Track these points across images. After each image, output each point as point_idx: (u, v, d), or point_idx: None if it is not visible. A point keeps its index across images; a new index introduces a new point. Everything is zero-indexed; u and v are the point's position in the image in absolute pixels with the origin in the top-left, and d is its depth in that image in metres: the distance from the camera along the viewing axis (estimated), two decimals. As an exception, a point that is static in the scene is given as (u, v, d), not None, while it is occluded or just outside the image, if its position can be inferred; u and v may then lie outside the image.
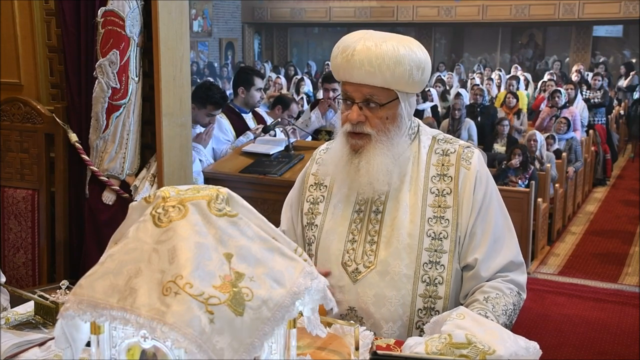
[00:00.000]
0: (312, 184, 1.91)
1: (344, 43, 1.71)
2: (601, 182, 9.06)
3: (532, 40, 18.13)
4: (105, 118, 2.83)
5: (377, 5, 17.71)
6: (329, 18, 18.56)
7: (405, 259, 1.71)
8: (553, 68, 14.21)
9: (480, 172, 1.77)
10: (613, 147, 9.91)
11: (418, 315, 1.72)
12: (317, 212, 1.86)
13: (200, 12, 17.51)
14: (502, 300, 1.71)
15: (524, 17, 16.33)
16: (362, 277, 1.74)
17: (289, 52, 20.35)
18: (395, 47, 1.65)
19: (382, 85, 1.68)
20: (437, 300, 1.71)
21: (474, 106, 8.76)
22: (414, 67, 1.67)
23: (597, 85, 10.00)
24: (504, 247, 1.78)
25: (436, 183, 1.76)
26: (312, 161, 1.97)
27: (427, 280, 1.71)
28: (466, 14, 16.86)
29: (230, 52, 18.87)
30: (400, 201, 1.75)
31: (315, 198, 1.88)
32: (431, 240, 1.71)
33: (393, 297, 1.71)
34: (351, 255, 1.77)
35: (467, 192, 1.74)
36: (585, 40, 16.90)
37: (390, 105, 1.71)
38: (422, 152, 1.80)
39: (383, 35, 1.69)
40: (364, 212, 1.79)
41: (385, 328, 1.73)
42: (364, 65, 1.64)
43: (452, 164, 1.77)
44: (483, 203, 1.76)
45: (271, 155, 4.00)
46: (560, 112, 8.27)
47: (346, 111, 1.73)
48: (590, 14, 15.63)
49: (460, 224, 1.73)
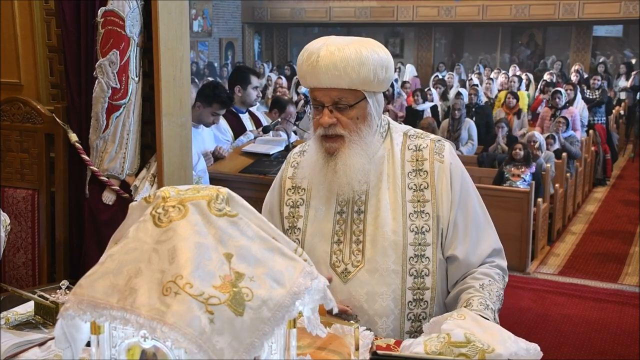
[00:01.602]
0: (290, 187, 1.95)
1: (307, 51, 1.76)
2: (601, 182, 9.06)
3: (532, 40, 18.13)
4: (105, 118, 2.83)
5: (377, 5, 17.70)
6: (329, 18, 18.56)
7: (392, 255, 1.76)
8: (553, 68, 14.20)
9: (453, 164, 1.83)
10: (613, 147, 9.91)
11: (409, 307, 1.78)
12: (298, 216, 1.89)
13: (200, 12, 17.51)
14: (494, 286, 1.79)
15: (524, 17, 16.33)
16: (352, 276, 1.78)
17: (289, 52, 20.35)
18: (358, 49, 1.70)
19: (349, 87, 1.73)
20: (425, 291, 1.78)
21: (469, 106, 8.76)
22: (377, 67, 1.72)
23: (596, 85, 10.00)
24: (486, 234, 1.86)
25: (413, 179, 1.82)
26: (286, 164, 2.01)
27: (414, 273, 1.77)
28: (466, 14, 16.86)
29: (230, 52, 18.88)
30: (381, 199, 1.80)
31: (294, 201, 1.92)
32: (414, 235, 1.77)
33: (384, 292, 1.77)
34: (338, 256, 1.81)
35: (444, 185, 1.80)
36: (585, 40, 16.89)
37: (359, 105, 1.76)
38: (396, 150, 1.85)
39: (344, 40, 1.75)
40: (346, 212, 1.83)
41: (380, 323, 1.78)
42: (329, 69, 1.69)
43: (425, 159, 1.83)
44: (461, 194, 1.82)
45: (271, 155, 4.00)
46: (559, 113, 8.28)
47: (317, 116, 1.78)
48: (590, 14, 15.62)
49: (441, 217, 1.79)
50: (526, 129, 8.70)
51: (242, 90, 4.54)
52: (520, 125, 8.96)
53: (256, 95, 4.62)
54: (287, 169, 1.99)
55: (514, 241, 5.47)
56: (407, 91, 11.19)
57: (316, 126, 1.79)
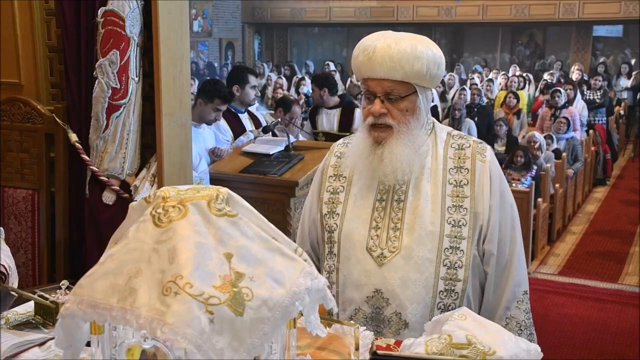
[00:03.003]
0: (331, 175, 2.02)
1: (364, 43, 1.84)
2: (601, 182, 9.06)
3: (532, 40, 18.12)
4: (105, 118, 2.82)
5: (377, 5, 17.70)
6: (329, 18, 18.56)
7: (428, 244, 1.83)
8: (553, 68, 14.20)
9: (492, 164, 1.91)
10: (613, 147, 9.91)
11: (440, 296, 1.83)
12: (337, 202, 1.97)
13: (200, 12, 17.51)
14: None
15: (524, 17, 16.32)
16: (387, 261, 1.84)
17: (289, 52, 20.35)
18: (414, 44, 1.79)
19: (402, 79, 1.80)
20: (457, 282, 1.83)
21: (470, 106, 8.76)
22: (430, 63, 1.80)
23: (597, 86, 9.99)
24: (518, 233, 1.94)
25: (454, 175, 1.89)
26: (330, 154, 2.08)
27: (448, 264, 1.83)
28: (466, 13, 16.85)
29: (230, 52, 18.87)
30: (421, 191, 1.86)
31: (335, 188, 1.99)
32: (451, 228, 1.84)
33: (417, 279, 1.82)
34: (375, 241, 1.87)
35: (485, 183, 1.87)
36: (585, 40, 16.89)
37: (409, 98, 1.84)
38: (439, 146, 1.92)
39: (401, 34, 1.83)
40: (385, 200, 1.89)
41: (410, 308, 1.83)
42: (385, 60, 1.77)
43: (468, 157, 1.90)
44: (500, 193, 1.89)
45: (271, 155, 4.00)
46: (559, 112, 8.27)
47: (368, 105, 1.86)
48: (590, 14, 15.61)
49: (479, 213, 1.85)
50: (526, 129, 8.70)
51: (240, 89, 4.53)
52: (520, 126, 8.96)
53: (254, 94, 4.62)
54: (330, 158, 2.06)
55: (514, 241, 5.45)
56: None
57: (366, 115, 1.86)
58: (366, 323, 1.85)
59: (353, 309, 1.88)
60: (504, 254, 1.89)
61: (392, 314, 1.83)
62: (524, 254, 1.95)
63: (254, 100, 4.68)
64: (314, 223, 2.05)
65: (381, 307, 1.84)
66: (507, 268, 1.90)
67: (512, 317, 1.91)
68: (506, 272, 1.90)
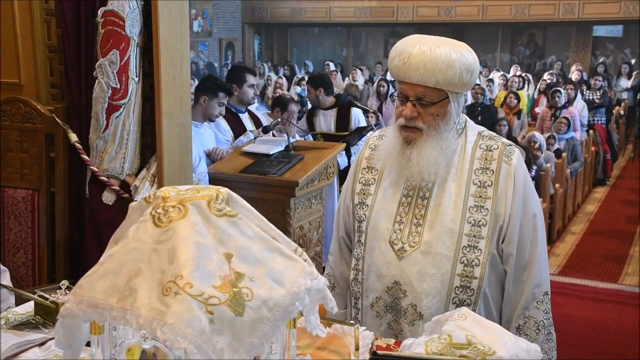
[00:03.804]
0: (365, 167, 2.09)
1: (400, 47, 1.88)
2: (601, 182, 9.06)
3: (532, 40, 18.12)
4: (105, 118, 2.82)
5: (377, 5, 17.70)
6: (329, 18, 18.56)
7: (446, 241, 1.88)
8: (553, 68, 14.19)
9: (518, 167, 1.94)
10: (613, 147, 9.91)
11: (455, 292, 1.88)
12: (368, 193, 2.04)
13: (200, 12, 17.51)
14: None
15: (524, 17, 16.32)
16: (407, 255, 1.91)
17: (289, 52, 20.35)
18: (448, 52, 1.82)
19: (434, 86, 1.84)
20: (473, 280, 1.88)
21: (474, 106, 8.76)
22: (464, 71, 1.84)
23: (597, 86, 9.99)
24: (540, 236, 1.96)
25: (479, 175, 1.93)
26: (365, 146, 2.15)
27: (465, 261, 1.88)
28: (466, 14, 16.85)
29: (230, 52, 18.87)
30: (445, 190, 1.92)
31: (367, 180, 2.06)
32: (471, 227, 1.89)
33: (434, 274, 1.88)
34: (398, 234, 1.94)
35: (508, 185, 1.91)
36: (585, 40, 16.89)
37: (441, 104, 1.88)
38: (468, 147, 1.97)
39: (437, 40, 1.87)
40: (411, 197, 1.96)
41: (426, 302, 1.88)
42: (419, 67, 1.81)
43: (494, 159, 1.94)
44: (523, 197, 1.92)
45: (271, 155, 3.99)
46: (559, 112, 8.28)
47: (401, 107, 1.91)
48: (590, 14, 15.62)
49: (500, 214, 1.89)
50: (526, 129, 8.70)
51: (238, 88, 4.53)
52: (520, 126, 8.95)
53: (253, 93, 4.60)
54: (365, 150, 2.12)
55: (514, 241, 5.46)
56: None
57: (398, 116, 1.92)
58: (386, 311, 1.95)
59: (375, 297, 1.96)
60: (524, 256, 1.92)
61: (408, 305, 1.90)
62: (546, 257, 1.98)
63: (253, 99, 4.67)
64: (347, 211, 2.12)
65: (399, 297, 1.92)
66: (527, 269, 1.93)
67: (531, 316, 1.95)
68: (525, 273, 1.93)
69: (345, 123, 5.49)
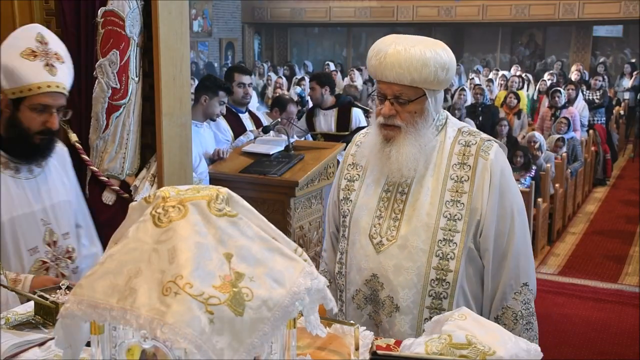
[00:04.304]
0: (350, 163, 2.15)
1: (377, 47, 1.92)
2: (601, 182, 9.06)
3: (532, 40, 18.12)
4: (105, 118, 2.82)
5: (377, 5, 17.70)
6: (329, 18, 18.56)
7: (422, 235, 1.93)
8: (553, 68, 14.19)
9: (495, 162, 1.96)
10: (613, 147, 9.91)
11: (431, 285, 1.93)
12: (352, 189, 2.10)
13: (200, 12, 17.52)
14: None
15: (524, 17, 16.32)
16: (384, 248, 1.97)
17: (289, 52, 20.35)
18: (422, 50, 1.85)
19: (410, 84, 1.88)
20: (448, 272, 1.92)
21: (475, 106, 8.75)
22: (439, 68, 1.87)
23: (597, 86, 9.99)
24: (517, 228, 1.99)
25: (456, 170, 1.97)
26: (352, 143, 2.21)
27: (441, 255, 1.92)
28: (466, 14, 16.85)
29: (230, 52, 18.87)
30: (424, 185, 1.97)
31: (352, 176, 2.13)
32: (447, 221, 1.93)
33: (410, 267, 1.93)
34: (377, 229, 2.00)
35: (484, 180, 1.94)
36: (585, 40, 16.89)
37: (418, 101, 1.92)
38: (447, 143, 2.01)
39: (413, 40, 1.90)
40: (391, 192, 2.02)
41: (402, 294, 1.94)
42: (394, 67, 1.86)
43: (472, 154, 1.98)
44: (500, 191, 1.95)
45: (271, 155, 4.00)
46: (560, 112, 8.28)
47: (380, 105, 1.96)
48: (590, 14, 15.62)
49: (477, 209, 1.93)
50: (526, 129, 8.70)
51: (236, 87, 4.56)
52: (520, 126, 8.95)
53: (243, 92, 4.58)
54: (352, 147, 2.19)
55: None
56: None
57: (377, 114, 1.97)
58: (366, 303, 2.01)
59: (355, 289, 2.02)
60: (500, 249, 1.96)
61: (385, 297, 1.96)
62: (528, 248, 2.03)
63: (245, 99, 4.64)
64: (335, 206, 2.18)
65: (377, 290, 1.98)
66: (503, 262, 1.97)
67: (509, 307, 1.98)
68: (502, 265, 1.97)
69: (346, 123, 5.49)
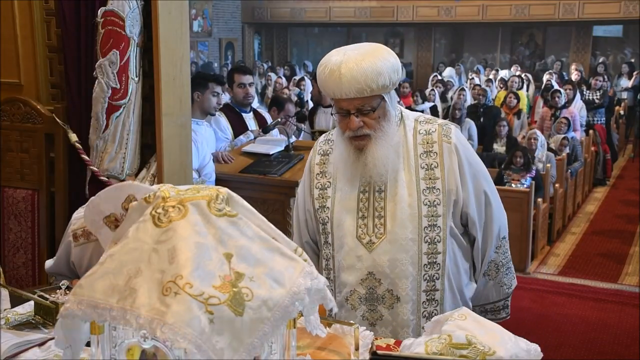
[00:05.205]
0: (318, 172, 2.20)
1: (327, 67, 1.96)
2: (601, 182, 9.06)
3: (532, 40, 18.11)
4: (105, 118, 2.82)
5: (377, 5, 17.69)
6: (329, 18, 18.55)
7: (409, 226, 2.03)
8: (553, 68, 14.19)
9: (457, 143, 2.08)
10: (613, 147, 9.90)
11: (424, 269, 2.04)
12: (326, 196, 2.15)
13: (200, 12, 17.51)
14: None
15: (524, 17, 16.31)
16: (376, 246, 2.04)
17: (289, 52, 20.34)
18: (373, 62, 1.92)
19: (370, 95, 1.95)
20: (438, 255, 2.05)
21: (477, 106, 8.75)
22: (391, 73, 1.95)
23: (597, 86, 9.98)
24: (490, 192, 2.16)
25: (424, 159, 2.07)
26: (314, 152, 2.25)
27: (429, 240, 2.04)
28: (466, 14, 16.84)
29: (230, 52, 18.86)
30: (398, 179, 2.05)
31: (323, 184, 2.17)
32: (428, 208, 2.04)
33: (404, 258, 2.03)
34: (363, 229, 2.06)
35: (452, 162, 2.06)
36: (585, 40, 16.88)
37: (380, 106, 2.00)
38: (409, 135, 2.10)
39: (358, 52, 1.95)
40: (368, 191, 2.08)
41: (400, 284, 2.03)
42: (352, 84, 1.91)
43: (435, 141, 2.08)
44: (468, 167, 2.08)
45: (271, 155, 4.00)
46: (559, 112, 8.28)
47: (343, 120, 2.02)
48: (590, 14, 15.61)
49: (452, 190, 2.05)
50: (526, 129, 8.69)
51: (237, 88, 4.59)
52: (520, 126, 8.95)
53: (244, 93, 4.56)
54: (315, 156, 2.23)
55: (514, 241, 5.43)
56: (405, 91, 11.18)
57: (344, 129, 2.03)
58: (360, 303, 2.07)
59: (348, 290, 2.08)
60: (482, 215, 2.12)
61: (384, 291, 2.04)
62: (500, 205, 2.17)
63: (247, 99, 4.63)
64: (310, 215, 2.21)
65: (374, 287, 2.05)
66: (488, 225, 2.13)
67: (492, 260, 2.17)
68: (487, 229, 2.14)
69: None
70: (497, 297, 2.21)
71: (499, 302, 2.23)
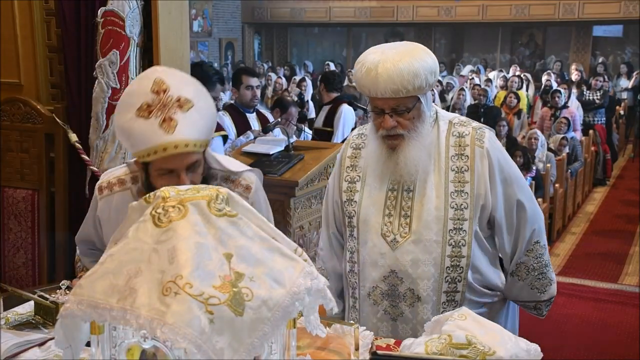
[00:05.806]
0: (348, 165, 2.20)
1: (365, 66, 1.96)
2: (601, 182, 9.06)
3: (532, 40, 18.11)
4: (105, 118, 2.82)
5: (377, 5, 17.69)
6: (329, 18, 18.54)
7: (434, 228, 2.02)
8: (553, 68, 14.19)
9: (490, 148, 2.06)
10: (613, 147, 9.90)
11: (447, 271, 2.03)
12: (355, 190, 2.15)
13: (200, 12, 17.51)
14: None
15: (524, 17, 16.31)
16: (399, 245, 2.04)
17: (289, 52, 20.34)
18: (410, 62, 1.92)
19: (406, 95, 1.95)
20: (461, 258, 2.03)
21: (477, 106, 8.75)
22: (428, 74, 1.95)
23: (597, 86, 9.98)
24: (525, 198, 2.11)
25: (455, 162, 2.06)
26: (346, 145, 2.26)
27: (453, 243, 2.03)
28: (466, 14, 16.84)
29: (230, 52, 18.86)
30: (427, 180, 2.05)
31: (352, 178, 2.17)
32: (454, 211, 2.02)
33: (426, 259, 2.02)
34: (388, 227, 2.07)
35: (484, 167, 2.04)
36: (585, 40, 16.88)
37: (415, 107, 1.99)
38: (441, 136, 2.09)
39: (396, 53, 1.95)
40: (397, 190, 2.08)
41: (421, 285, 2.03)
42: (388, 84, 1.91)
43: (467, 144, 2.06)
44: (499, 172, 2.05)
45: (271, 155, 3.99)
46: (559, 112, 8.28)
47: (377, 119, 2.02)
48: (590, 14, 15.61)
49: (480, 195, 2.03)
50: (526, 129, 8.69)
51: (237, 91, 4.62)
52: (520, 126, 8.95)
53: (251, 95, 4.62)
54: (347, 149, 2.23)
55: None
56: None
57: (378, 128, 2.03)
58: (382, 299, 2.07)
59: (371, 286, 2.08)
60: (512, 219, 2.08)
61: (406, 290, 2.04)
62: (537, 211, 2.12)
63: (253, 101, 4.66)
64: (337, 207, 2.22)
65: (396, 284, 2.05)
66: (520, 229, 2.10)
67: (522, 262, 2.13)
68: (519, 232, 2.10)
69: (331, 118, 5.62)
70: (527, 298, 2.20)
71: (529, 303, 2.23)
